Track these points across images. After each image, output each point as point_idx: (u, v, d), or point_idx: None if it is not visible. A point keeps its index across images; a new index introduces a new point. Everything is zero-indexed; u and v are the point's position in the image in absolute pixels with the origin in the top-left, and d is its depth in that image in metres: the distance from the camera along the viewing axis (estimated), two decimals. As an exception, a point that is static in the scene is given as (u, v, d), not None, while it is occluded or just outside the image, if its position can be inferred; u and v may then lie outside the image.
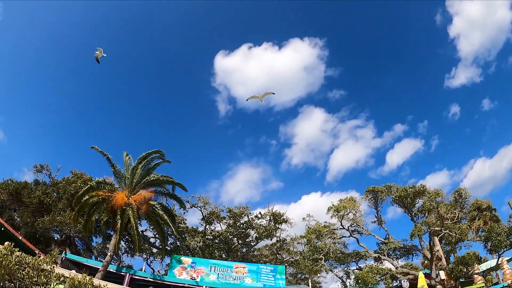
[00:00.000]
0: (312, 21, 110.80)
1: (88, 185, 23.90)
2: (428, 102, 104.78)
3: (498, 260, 29.65)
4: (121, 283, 22.05)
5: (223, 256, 38.81)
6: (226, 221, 39.78)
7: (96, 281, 12.40)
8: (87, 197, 23.30)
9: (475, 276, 28.86)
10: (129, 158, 26.63)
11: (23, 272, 10.93)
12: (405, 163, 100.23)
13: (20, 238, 25.87)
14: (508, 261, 29.87)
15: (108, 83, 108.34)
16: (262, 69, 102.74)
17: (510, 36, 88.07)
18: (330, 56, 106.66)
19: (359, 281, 27.77)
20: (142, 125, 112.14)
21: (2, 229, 24.34)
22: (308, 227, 36.18)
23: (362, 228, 34.35)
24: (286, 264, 38.13)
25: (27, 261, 11.17)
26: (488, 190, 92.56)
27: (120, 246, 36.11)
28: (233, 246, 39.82)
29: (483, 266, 32.36)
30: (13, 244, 11.96)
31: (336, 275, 37.37)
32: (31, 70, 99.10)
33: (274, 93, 29.02)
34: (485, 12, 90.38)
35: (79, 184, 32.96)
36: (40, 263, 11.21)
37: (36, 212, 34.44)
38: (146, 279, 24.51)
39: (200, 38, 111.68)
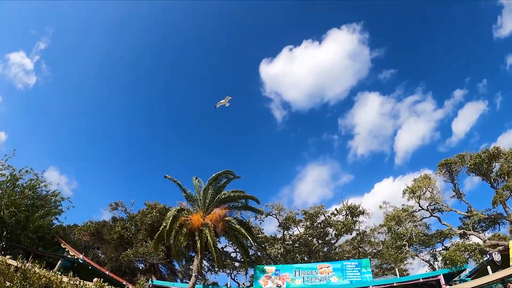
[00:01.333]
0: (344, 7, 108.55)
1: (173, 216, 24.79)
2: (482, 59, 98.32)
3: None
4: (210, 301, 22.66)
5: (305, 259, 38.83)
6: (303, 224, 39.87)
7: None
8: (168, 226, 24.24)
9: None
10: (199, 181, 27.78)
11: (116, 304, 11.49)
12: (473, 129, 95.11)
13: (107, 273, 27.25)
14: None
15: (162, 110, 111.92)
16: (308, 68, 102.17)
17: None
18: (371, 37, 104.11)
19: (447, 261, 26.87)
20: (203, 147, 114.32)
21: (90, 267, 25.68)
22: (386, 215, 35.21)
23: (442, 205, 32.98)
24: (369, 257, 37.61)
25: (117, 293, 11.77)
26: None
27: (203, 265, 37.06)
28: (313, 247, 39.78)
29: None
30: (101, 279, 12.56)
31: (423, 259, 36.28)
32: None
33: (232, 97, 31.29)
34: None
35: (154, 214, 34.44)
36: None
37: (118, 247, 36.31)
38: (232, 293, 25.02)
39: (240, 50, 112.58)
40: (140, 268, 38.01)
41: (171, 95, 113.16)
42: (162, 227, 24.90)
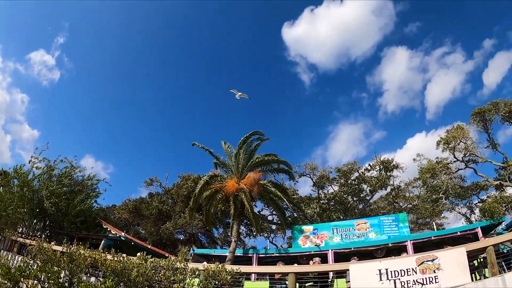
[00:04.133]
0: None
1: (204, 181, 25.12)
2: (510, 5, 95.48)
3: None
4: (250, 264, 23.02)
5: (341, 217, 38.99)
6: (337, 182, 39.98)
7: (228, 267, 13.15)
8: (199, 191, 24.49)
9: None
10: (229, 146, 27.79)
11: (160, 275, 11.85)
12: (505, 79, 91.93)
13: (149, 247, 28.03)
14: None
15: (193, 77, 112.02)
16: (331, 27, 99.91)
17: None
18: None
19: (485, 214, 26.66)
20: (234, 114, 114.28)
21: (132, 243, 26.42)
22: (421, 168, 35.01)
23: (477, 156, 32.57)
24: (405, 212, 37.58)
25: (161, 264, 12.13)
26: None
27: (241, 230, 37.75)
28: (349, 205, 39.90)
29: None
30: (145, 252, 12.94)
31: (459, 212, 36.18)
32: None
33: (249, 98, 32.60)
34: None
35: (189, 184, 34.99)
36: (173, 263, 12.08)
37: (157, 221, 37.43)
38: (272, 255, 25.37)
39: (260, 16, 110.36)
40: (181, 239, 39.06)
41: (194, 64, 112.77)
42: (194, 194, 25.21)
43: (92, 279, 13.39)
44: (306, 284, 15.43)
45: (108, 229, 28.29)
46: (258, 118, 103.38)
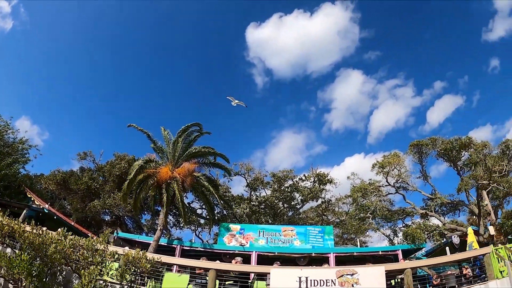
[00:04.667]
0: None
1: (139, 166, 24.34)
2: (467, 57, 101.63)
3: None
4: (173, 255, 22.68)
5: (270, 221, 39.27)
6: (270, 186, 40.23)
7: (150, 255, 12.86)
8: (132, 176, 23.82)
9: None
10: (168, 132, 27.14)
11: (78, 254, 11.42)
12: (447, 120, 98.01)
13: (73, 223, 27.03)
14: None
15: (143, 60, 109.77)
16: (295, 38, 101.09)
17: None
18: (363, 17, 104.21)
19: (408, 237, 27.63)
20: (179, 103, 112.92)
21: (55, 217, 25.43)
22: (353, 186, 35.82)
23: (408, 184, 33.87)
24: (332, 225, 38.32)
25: (80, 243, 11.68)
26: None
27: (169, 220, 37.19)
28: (279, 211, 40.28)
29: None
30: (65, 229, 12.43)
31: (383, 233, 37.34)
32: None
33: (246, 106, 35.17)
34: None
35: (123, 165, 33.95)
36: (93, 243, 11.67)
37: (85, 198, 35.82)
38: (196, 249, 25.13)
39: (230, 11, 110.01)
40: (106, 220, 37.82)
41: (149, 45, 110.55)
42: (130, 177, 24.49)
43: (8, 250, 12.73)
44: (226, 283, 15.34)
45: (32, 199, 27.11)
46: (203, 111, 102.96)
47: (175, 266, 16.54)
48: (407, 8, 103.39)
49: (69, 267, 11.70)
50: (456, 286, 16.21)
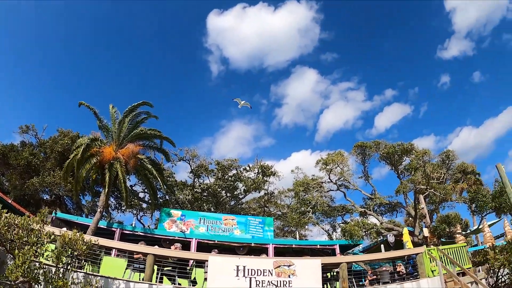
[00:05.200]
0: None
1: (85, 144, 23.39)
2: (420, 70, 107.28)
3: (480, 223, 30.81)
4: (112, 239, 22.14)
5: (212, 209, 39.30)
6: (214, 174, 40.04)
7: (87, 237, 12.51)
8: (80, 155, 22.93)
9: (457, 235, 29.86)
10: (116, 111, 26.09)
11: (13, 233, 10.95)
12: (393, 127, 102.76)
13: (10, 201, 25.76)
14: (489, 225, 31.13)
15: (98, 37, 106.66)
16: (256, 30, 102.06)
17: (507, 14, 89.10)
18: (326, 19, 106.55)
19: (346, 234, 28.31)
20: (132, 83, 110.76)
21: (-10, 194, 24.18)
22: (296, 180, 36.46)
23: (349, 182, 34.73)
24: (273, 217, 38.68)
25: (16, 222, 11.19)
26: (471, 159, 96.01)
27: (110, 202, 36.34)
28: (221, 199, 40.27)
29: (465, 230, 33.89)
30: (1, 206, 11.91)
31: (323, 228, 38.10)
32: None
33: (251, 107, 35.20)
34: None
35: (66, 142, 32.59)
36: (29, 223, 11.21)
37: (24, 174, 33.79)
38: (136, 233, 24.54)
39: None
40: (46, 199, 36.18)
41: (104, 20, 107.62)
42: (73, 155, 23.63)
43: None
44: (165, 269, 15.19)
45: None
46: (155, 94, 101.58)
47: (114, 250, 16.17)
48: (370, 16, 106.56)
49: (4, 248, 11.22)
50: (390, 282, 16.71)
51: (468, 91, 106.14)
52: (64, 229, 14.51)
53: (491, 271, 17.80)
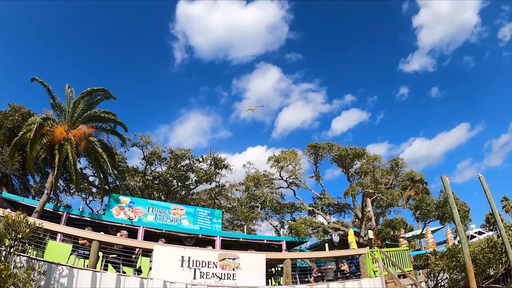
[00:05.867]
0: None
1: (38, 123, 22.53)
2: (380, 80, 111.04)
3: (423, 229, 32.02)
4: (58, 223, 21.61)
5: (162, 198, 38.93)
6: (167, 163, 39.75)
7: (31, 219, 12.20)
8: (34, 134, 22.11)
9: (401, 239, 30.95)
10: (72, 91, 25.28)
11: (-47, 214, 10.59)
12: (349, 131, 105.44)
13: (-48, 180, 24.70)
14: (432, 231, 32.47)
15: (60, 15, 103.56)
16: (224, 22, 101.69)
17: (471, 38, 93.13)
18: (295, 20, 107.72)
19: (292, 231, 28.78)
20: (92, 63, 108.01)
21: None
22: (248, 175, 36.87)
23: (300, 181, 35.46)
24: (223, 210, 38.75)
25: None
26: (420, 168, 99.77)
27: (59, 185, 35.29)
28: (172, 188, 39.97)
29: (409, 234, 35.12)
30: None
31: (271, 224, 38.47)
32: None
33: (263, 106, 31.75)
34: (453, 11, 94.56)
35: (16, 118, 31.33)
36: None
37: None
38: (83, 218, 23.86)
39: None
40: None
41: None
42: (22, 132, 22.78)
43: None
44: (110, 256, 15.01)
45: None
46: (114, 76, 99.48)
47: (59, 234, 15.85)
48: (339, 23, 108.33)
49: None
50: (333, 279, 17.16)
51: (425, 104, 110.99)
52: (8, 210, 14.10)
53: (431, 275, 18.61)
